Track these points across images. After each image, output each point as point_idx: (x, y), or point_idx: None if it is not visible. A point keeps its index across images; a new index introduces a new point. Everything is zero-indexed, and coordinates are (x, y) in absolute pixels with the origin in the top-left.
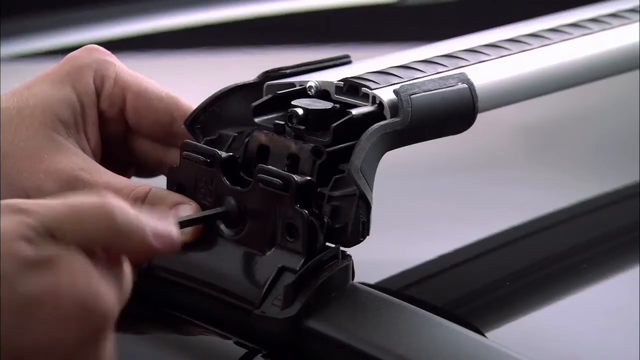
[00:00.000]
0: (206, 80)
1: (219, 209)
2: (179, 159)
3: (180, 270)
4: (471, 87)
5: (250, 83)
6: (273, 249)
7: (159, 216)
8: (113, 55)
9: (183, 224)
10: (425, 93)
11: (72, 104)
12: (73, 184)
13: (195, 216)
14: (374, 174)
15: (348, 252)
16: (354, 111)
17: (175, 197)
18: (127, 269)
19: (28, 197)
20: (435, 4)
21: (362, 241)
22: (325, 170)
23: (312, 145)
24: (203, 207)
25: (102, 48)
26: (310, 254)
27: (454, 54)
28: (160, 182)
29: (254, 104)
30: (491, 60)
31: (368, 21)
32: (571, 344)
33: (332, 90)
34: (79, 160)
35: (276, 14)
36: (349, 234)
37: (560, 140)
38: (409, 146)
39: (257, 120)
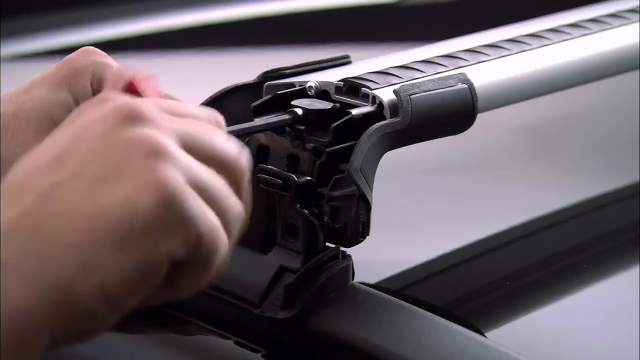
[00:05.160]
0: (206, 80)
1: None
2: None
3: None
4: (471, 87)
5: (250, 83)
6: (273, 249)
7: None
8: (110, 57)
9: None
10: (425, 93)
11: (69, 108)
12: None
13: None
14: (374, 174)
15: (348, 252)
16: (354, 111)
17: None
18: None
19: None
20: (435, 4)
21: (362, 241)
22: (325, 170)
23: (312, 145)
24: None
25: (98, 50)
26: (310, 254)
27: (454, 54)
28: None
29: (254, 104)
30: (491, 60)
31: (368, 21)
32: (571, 344)
33: (332, 91)
34: None
35: (276, 14)
36: (349, 234)
37: (560, 140)
38: (409, 146)
39: (257, 120)
